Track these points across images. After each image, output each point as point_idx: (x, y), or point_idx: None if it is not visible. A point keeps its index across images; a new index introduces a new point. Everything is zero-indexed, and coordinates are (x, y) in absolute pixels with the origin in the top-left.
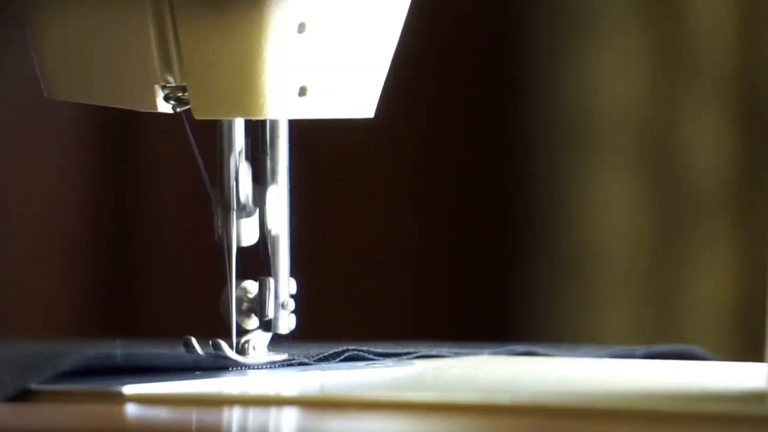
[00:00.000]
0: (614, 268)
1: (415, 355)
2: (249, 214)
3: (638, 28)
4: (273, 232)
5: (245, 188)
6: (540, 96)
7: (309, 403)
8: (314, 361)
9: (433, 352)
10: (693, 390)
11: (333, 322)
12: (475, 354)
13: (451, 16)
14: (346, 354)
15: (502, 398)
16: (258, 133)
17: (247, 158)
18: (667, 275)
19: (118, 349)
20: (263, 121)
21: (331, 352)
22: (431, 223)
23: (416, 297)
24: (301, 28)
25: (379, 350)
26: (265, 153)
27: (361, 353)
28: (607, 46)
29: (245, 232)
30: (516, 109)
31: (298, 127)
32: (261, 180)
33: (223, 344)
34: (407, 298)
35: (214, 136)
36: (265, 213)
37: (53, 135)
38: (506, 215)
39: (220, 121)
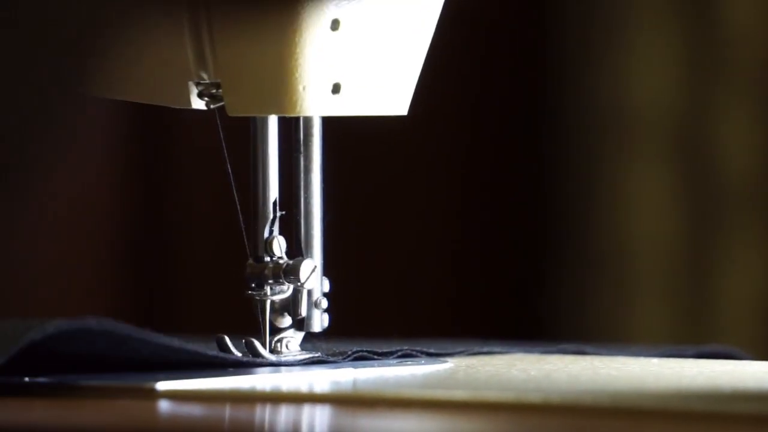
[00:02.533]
0: (647, 264)
1: (468, 352)
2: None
3: (672, 25)
4: (306, 232)
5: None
6: (574, 93)
7: (341, 401)
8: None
9: (485, 350)
10: (726, 389)
11: (366, 320)
12: (525, 353)
13: (485, 12)
14: (355, 354)
15: (534, 397)
16: (291, 130)
17: (279, 157)
18: (701, 272)
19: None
20: (297, 119)
21: (339, 350)
22: (465, 221)
23: (450, 294)
24: (335, 25)
25: (385, 350)
26: (298, 151)
27: (367, 354)
28: (641, 43)
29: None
30: (550, 106)
31: (331, 125)
32: (295, 178)
33: (256, 343)
34: (441, 295)
35: (247, 132)
36: (299, 214)
37: (86, 131)
38: (540, 212)
39: (253, 118)
